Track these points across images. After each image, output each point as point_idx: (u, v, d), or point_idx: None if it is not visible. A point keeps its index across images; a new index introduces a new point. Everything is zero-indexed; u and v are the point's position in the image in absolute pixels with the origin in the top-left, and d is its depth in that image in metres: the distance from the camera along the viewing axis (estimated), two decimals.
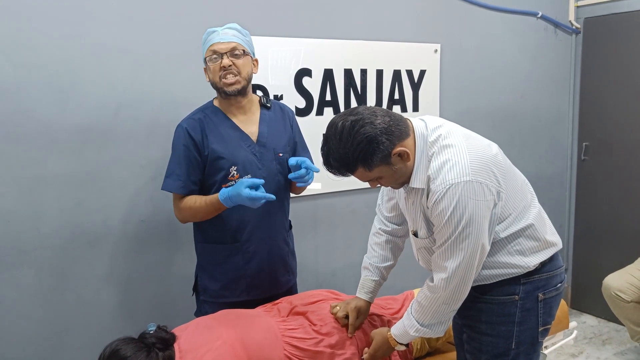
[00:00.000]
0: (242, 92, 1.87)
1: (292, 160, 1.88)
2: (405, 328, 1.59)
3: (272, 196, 1.76)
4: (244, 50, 1.84)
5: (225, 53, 1.81)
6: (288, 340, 1.63)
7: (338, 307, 1.76)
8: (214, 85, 1.87)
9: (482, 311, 1.58)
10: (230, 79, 1.83)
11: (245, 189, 1.72)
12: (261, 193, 1.74)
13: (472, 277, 1.48)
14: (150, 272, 2.28)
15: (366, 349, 1.70)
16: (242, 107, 1.92)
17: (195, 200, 1.86)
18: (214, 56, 1.82)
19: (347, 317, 1.74)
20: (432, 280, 1.52)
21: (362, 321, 1.77)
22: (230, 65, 1.81)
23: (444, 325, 1.56)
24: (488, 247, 1.48)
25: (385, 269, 1.82)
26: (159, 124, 2.21)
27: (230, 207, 1.80)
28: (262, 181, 1.76)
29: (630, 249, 3.19)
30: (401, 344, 1.64)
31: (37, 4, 1.96)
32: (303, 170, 1.85)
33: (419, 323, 1.55)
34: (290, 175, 1.87)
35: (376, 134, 1.38)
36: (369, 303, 1.79)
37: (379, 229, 1.83)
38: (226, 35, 1.83)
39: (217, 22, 2.26)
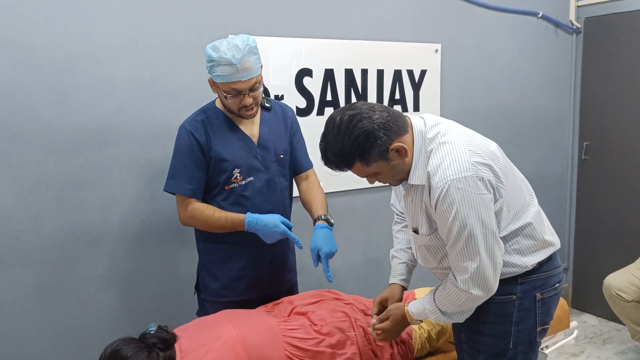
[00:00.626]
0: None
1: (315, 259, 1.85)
2: (425, 311, 1.58)
3: (300, 244, 1.84)
4: (261, 81, 1.83)
5: (248, 93, 1.79)
6: (289, 340, 1.63)
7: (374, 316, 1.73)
8: (229, 109, 1.87)
9: (480, 311, 1.58)
10: (251, 113, 1.85)
11: (282, 224, 1.81)
12: (292, 233, 1.83)
13: (495, 272, 1.45)
14: (150, 272, 2.28)
15: (374, 321, 1.67)
16: None
17: (213, 213, 1.85)
18: (234, 93, 1.79)
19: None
20: (456, 280, 1.49)
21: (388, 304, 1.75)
22: (251, 102, 1.81)
23: (465, 314, 1.55)
24: (500, 240, 1.46)
25: (411, 252, 1.80)
26: (159, 124, 2.21)
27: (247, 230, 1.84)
28: (292, 225, 1.87)
29: (631, 248, 3.19)
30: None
31: (37, 4, 1.96)
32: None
33: (441, 311, 1.55)
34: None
35: (374, 128, 1.39)
36: (401, 287, 1.77)
37: (397, 219, 1.85)
38: (246, 71, 1.75)
39: (217, 22, 2.27)
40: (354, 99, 2.71)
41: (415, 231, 1.60)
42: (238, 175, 1.88)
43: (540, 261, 1.56)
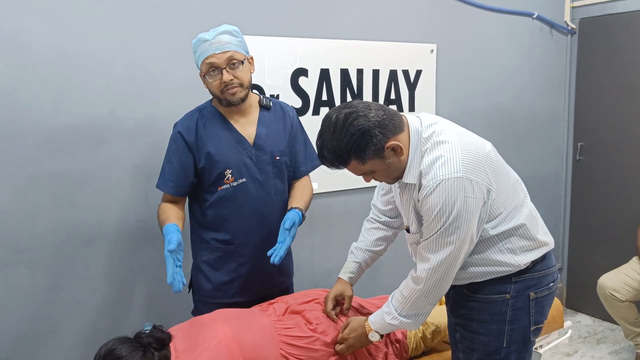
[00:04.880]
0: (244, 99, 1.86)
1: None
2: (382, 315, 1.61)
3: (176, 288, 1.67)
4: (242, 61, 1.80)
5: (225, 68, 1.77)
6: (284, 339, 1.64)
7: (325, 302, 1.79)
8: (215, 96, 1.85)
9: (474, 310, 1.59)
10: (233, 91, 1.80)
11: (168, 252, 1.68)
12: (170, 267, 1.67)
13: (454, 272, 1.50)
14: (145, 272, 2.28)
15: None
16: (241, 110, 1.90)
17: (160, 214, 1.84)
18: (212, 71, 1.77)
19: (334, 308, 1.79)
20: (415, 270, 1.54)
21: (349, 304, 1.80)
22: (231, 80, 1.78)
23: (421, 317, 1.57)
24: (473, 244, 1.49)
25: (369, 254, 1.85)
26: (154, 123, 2.21)
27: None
28: (173, 247, 1.68)
29: (625, 248, 3.20)
30: (376, 332, 1.64)
31: (32, 4, 1.95)
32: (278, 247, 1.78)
33: (397, 311, 1.57)
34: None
35: (369, 126, 1.39)
36: (349, 284, 1.83)
37: (371, 217, 1.87)
38: (219, 44, 1.76)
39: (213, 21, 2.26)
40: (349, 99, 2.71)
41: (407, 230, 1.61)
42: (230, 176, 1.86)
43: (534, 260, 1.57)
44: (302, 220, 1.88)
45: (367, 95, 2.77)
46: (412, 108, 2.92)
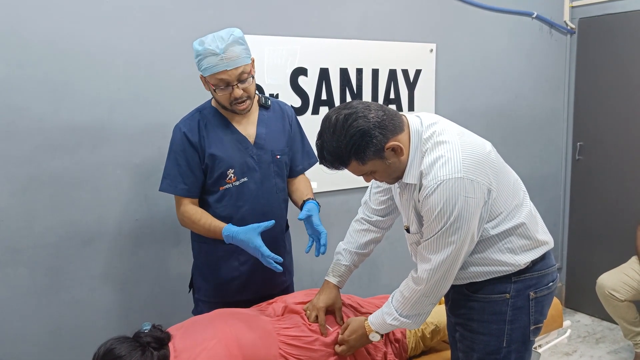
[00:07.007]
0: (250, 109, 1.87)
1: (302, 215, 1.85)
2: (383, 316, 1.60)
3: (279, 268, 1.74)
4: (250, 72, 1.79)
5: (236, 84, 1.76)
6: (283, 339, 1.64)
7: (309, 311, 1.76)
8: (221, 105, 1.85)
9: (474, 309, 1.59)
10: (244, 106, 1.81)
11: (259, 240, 1.73)
12: (272, 254, 1.73)
13: (455, 271, 1.50)
14: (144, 271, 2.28)
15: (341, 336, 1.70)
16: None
17: (200, 218, 1.84)
18: (222, 86, 1.76)
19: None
20: (416, 271, 1.53)
21: (340, 317, 1.77)
22: (242, 94, 1.78)
23: (422, 317, 1.57)
24: (474, 244, 1.49)
25: (357, 256, 1.84)
26: (153, 123, 2.21)
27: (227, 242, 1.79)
28: (272, 223, 1.76)
29: (624, 248, 3.20)
30: (377, 332, 1.64)
31: (31, 3, 1.95)
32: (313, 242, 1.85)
33: (397, 312, 1.57)
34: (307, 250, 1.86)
35: (369, 127, 1.39)
36: (337, 288, 1.82)
37: (362, 217, 1.85)
38: (230, 60, 1.72)
39: (213, 21, 2.27)
40: (348, 99, 2.72)
41: (407, 230, 1.61)
42: (232, 175, 1.86)
43: (534, 260, 1.57)
44: (319, 209, 1.91)
45: (367, 95, 2.77)
46: (411, 108, 2.92)
